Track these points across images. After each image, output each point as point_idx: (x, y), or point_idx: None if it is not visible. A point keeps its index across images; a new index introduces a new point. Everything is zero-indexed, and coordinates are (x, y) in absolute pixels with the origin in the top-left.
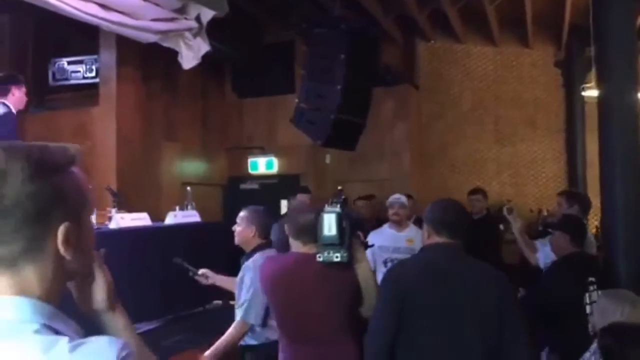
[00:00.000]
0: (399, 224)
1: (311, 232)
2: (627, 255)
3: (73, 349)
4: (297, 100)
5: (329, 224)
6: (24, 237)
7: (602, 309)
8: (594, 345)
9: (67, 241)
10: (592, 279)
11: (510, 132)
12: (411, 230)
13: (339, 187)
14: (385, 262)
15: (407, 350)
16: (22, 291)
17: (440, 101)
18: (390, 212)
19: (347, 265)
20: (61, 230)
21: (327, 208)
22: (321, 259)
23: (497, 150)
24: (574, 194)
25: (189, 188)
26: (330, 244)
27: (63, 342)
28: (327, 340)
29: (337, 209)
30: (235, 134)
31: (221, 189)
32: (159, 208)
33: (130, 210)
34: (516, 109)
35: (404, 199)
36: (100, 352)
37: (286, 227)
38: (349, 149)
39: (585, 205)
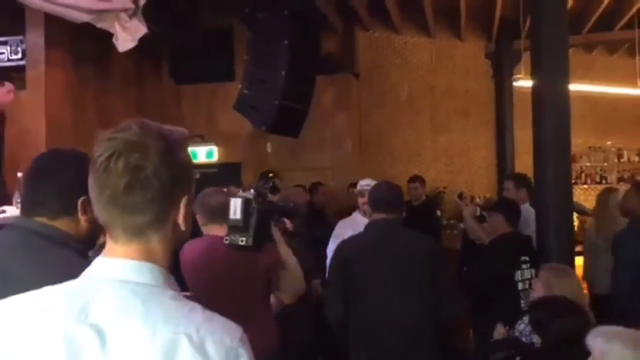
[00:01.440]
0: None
1: (225, 213)
2: (558, 236)
3: (208, 319)
4: (239, 86)
5: (234, 208)
6: (156, 208)
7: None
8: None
9: (186, 213)
10: (525, 257)
11: (444, 122)
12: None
13: (270, 174)
14: None
15: (358, 311)
16: (151, 259)
17: (379, 90)
18: (361, 200)
19: (261, 249)
20: (184, 202)
21: (239, 193)
22: (227, 242)
23: (433, 138)
24: (522, 178)
25: None
26: (235, 227)
27: (199, 309)
28: (242, 320)
29: (248, 194)
30: (173, 122)
31: None
32: None
33: None
34: (450, 99)
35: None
36: (228, 327)
37: (198, 216)
38: (293, 136)
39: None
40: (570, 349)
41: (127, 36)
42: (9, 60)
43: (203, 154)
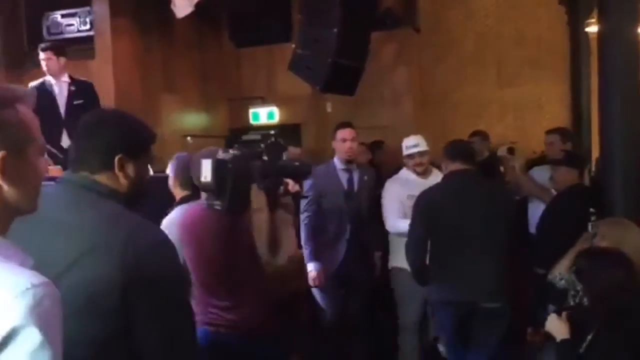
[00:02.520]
0: (424, 173)
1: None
2: (624, 191)
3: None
4: (294, 46)
5: (205, 171)
6: None
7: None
8: None
9: (2, 169)
10: (592, 209)
11: (513, 74)
12: (437, 176)
13: (272, 131)
14: None
15: (439, 254)
16: None
17: (441, 44)
18: (411, 163)
19: (241, 214)
20: None
21: (219, 153)
22: (205, 206)
23: (500, 92)
24: (568, 132)
25: (189, 138)
26: (208, 191)
27: None
28: (227, 291)
29: (226, 155)
30: (234, 85)
31: (223, 141)
32: (161, 161)
33: None
34: (519, 49)
35: (422, 144)
36: (17, 276)
37: (194, 178)
38: (348, 94)
39: (577, 142)
40: (616, 302)
41: (184, 2)
42: (78, 31)
43: (264, 115)
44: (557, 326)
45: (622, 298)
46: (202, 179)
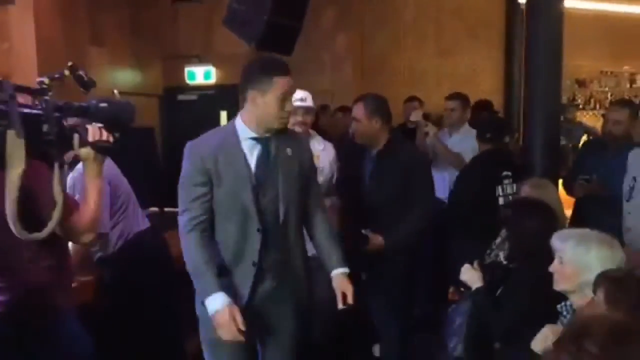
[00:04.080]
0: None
1: None
2: (544, 154)
3: None
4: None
5: None
6: None
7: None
8: (504, 230)
9: None
10: (507, 172)
11: (451, 44)
12: (318, 144)
13: (70, 63)
14: None
15: None
16: None
17: (381, 11)
18: (292, 120)
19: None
20: None
21: None
22: None
23: (438, 62)
24: (467, 97)
25: (115, 91)
26: None
27: None
28: (14, 267)
29: None
30: (169, 41)
31: (157, 100)
32: None
33: None
34: (458, 20)
35: (309, 100)
36: None
37: None
38: (285, 54)
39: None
40: (534, 246)
41: None
42: None
43: (201, 75)
44: (471, 275)
45: (539, 242)
46: None
